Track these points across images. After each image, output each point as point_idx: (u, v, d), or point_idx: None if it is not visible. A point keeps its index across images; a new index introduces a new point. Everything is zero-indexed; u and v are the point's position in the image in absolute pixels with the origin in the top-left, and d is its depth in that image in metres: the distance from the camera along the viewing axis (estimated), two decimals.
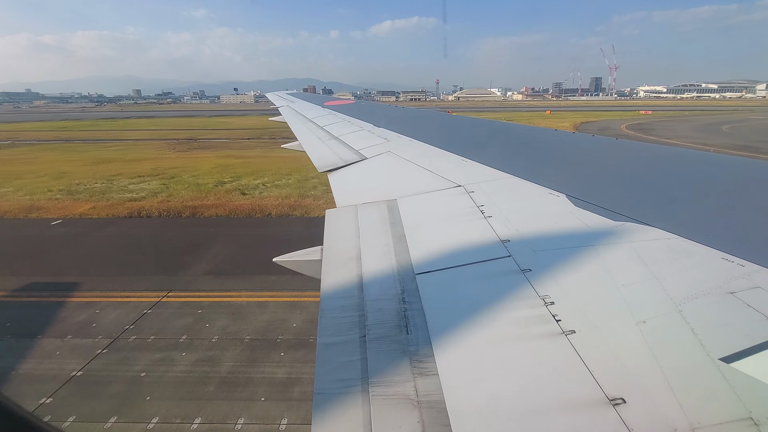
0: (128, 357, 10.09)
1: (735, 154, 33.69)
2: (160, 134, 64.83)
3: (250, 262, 15.36)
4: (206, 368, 9.69)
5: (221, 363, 9.86)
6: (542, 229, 2.60)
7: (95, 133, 70.98)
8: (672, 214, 2.65)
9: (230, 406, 8.51)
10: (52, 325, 11.52)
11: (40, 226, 20.34)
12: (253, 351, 10.30)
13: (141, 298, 12.88)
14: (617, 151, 5.05)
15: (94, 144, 54.15)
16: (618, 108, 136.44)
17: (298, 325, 11.32)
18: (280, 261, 3.02)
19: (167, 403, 8.59)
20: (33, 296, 13.29)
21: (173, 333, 11.04)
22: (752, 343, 1.42)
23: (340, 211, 3.57)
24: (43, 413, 8.23)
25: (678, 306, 1.69)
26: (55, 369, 9.66)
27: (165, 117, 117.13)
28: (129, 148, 48.79)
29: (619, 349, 1.53)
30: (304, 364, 9.69)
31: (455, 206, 3.23)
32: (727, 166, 4.05)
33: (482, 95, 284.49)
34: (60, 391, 8.93)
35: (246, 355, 10.15)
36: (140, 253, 16.70)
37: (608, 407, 1.31)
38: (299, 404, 8.51)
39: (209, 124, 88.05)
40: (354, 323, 1.94)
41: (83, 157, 41.49)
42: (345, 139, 7.09)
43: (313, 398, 1.55)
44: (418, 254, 2.52)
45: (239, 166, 34.33)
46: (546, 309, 1.81)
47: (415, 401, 1.46)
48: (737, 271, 1.86)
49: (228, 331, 11.15)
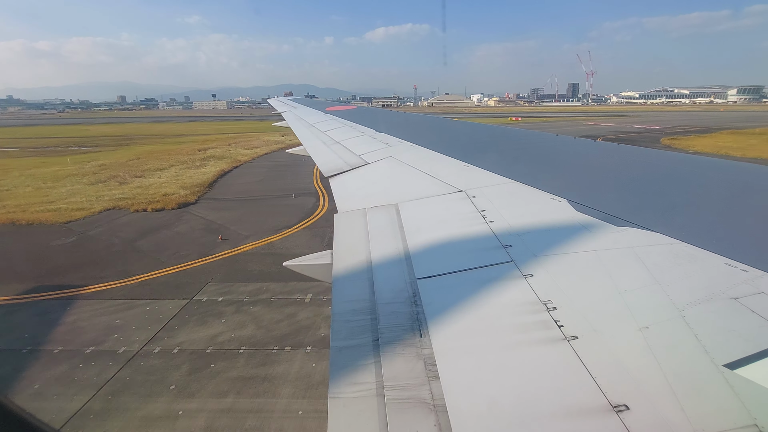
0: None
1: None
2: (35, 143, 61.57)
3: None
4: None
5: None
6: (544, 234, 2.59)
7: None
8: (674, 219, 2.64)
9: None
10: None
11: None
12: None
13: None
14: (619, 156, 5.06)
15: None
16: (570, 114, 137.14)
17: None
18: (290, 265, 2.99)
19: None
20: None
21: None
22: (756, 349, 1.41)
23: (348, 215, 3.56)
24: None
25: (681, 311, 1.68)
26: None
27: (95, 123, 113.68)
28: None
29: (622, 355, 1.52)
30: None
31: (457, 211, 3.22)
32: (729, 171, 4.06)
33: (455, 101, 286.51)
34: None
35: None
36: None
37: (611, 414, 1.30)
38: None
39: (119, 131, 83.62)
40: (366, 327, 1.93)
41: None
42: (347, 144, 7.10)
43: (328, 402, 1.53)
44: (419, 259, 2.51)
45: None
46: (548, 314, 1.79)
47: (431, 405, 1.45)
48: (740, 276, 1.84)
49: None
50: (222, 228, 19.93)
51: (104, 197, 25.57)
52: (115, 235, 19.14)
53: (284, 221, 20.80)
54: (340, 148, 6.91)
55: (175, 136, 70.19)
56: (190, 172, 33.92)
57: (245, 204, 24.97)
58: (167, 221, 21.19)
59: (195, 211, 22.99)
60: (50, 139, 68.08)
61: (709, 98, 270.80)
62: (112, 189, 27.93)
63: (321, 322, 11.74)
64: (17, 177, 32.61)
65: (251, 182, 31.27)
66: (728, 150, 41.50)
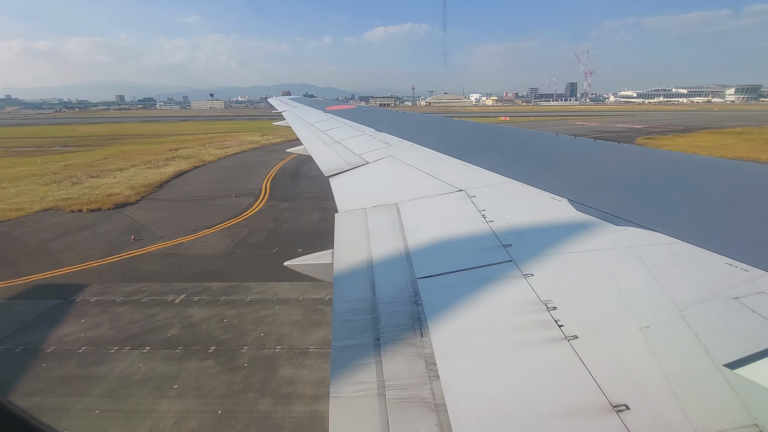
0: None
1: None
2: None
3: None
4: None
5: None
6: (544, 233, 2.58)
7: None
8: (675, 218, 2.63)
9: None
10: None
11: None
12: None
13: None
14: (619, 156, 5.05)
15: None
16: (562, 113, 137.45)
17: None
18: (291, 265, 2.98)
19: None
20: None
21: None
22: (757, 349, 1.40)
23: (349, 215, 3.56)
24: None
25: (681, 311, 1.67)
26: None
27: (88, 123, 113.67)
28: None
29: (622, 354, 1.52)
30: None
31: (457, 211, 3.21)
32: (730, 171, 4.02)
33: (453, 101, 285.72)
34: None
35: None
36: None
37: (611, 413, 1.30)
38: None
39: (108, 131, 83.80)
40: (367, 326, 1.92)
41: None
42: (347, 143, 7.10)
43: (330, 402, 1.54)
44: (420, 258, 2.51)
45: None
46: (548, 314, 1.79)
47: (432, 404, 1.45)
48: (741, 276, 1.83)
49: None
50: (143, 229, 20.19)
51: (48, 198, 25.94)
52: (35, 235, 19.43)
53: (208, 221, 21.07)
54: (341, 148, 6.91)
55: (159, 135, 70.48)
56: (148, 172, 34.29)
57: (183, 204, 25.25)
58: (95, 221, 21.47)
59: (129, 212, 23.28)
60: (37, 138, 68.58)
61: (707, 97, 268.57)
62: (62, 189, 28.31)
63: (176, 323, 11.96)
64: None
65: (203, 182, 31.56)
66: (698, 149, 40.93)
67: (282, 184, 30.72)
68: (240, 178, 32.72)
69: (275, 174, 33.98)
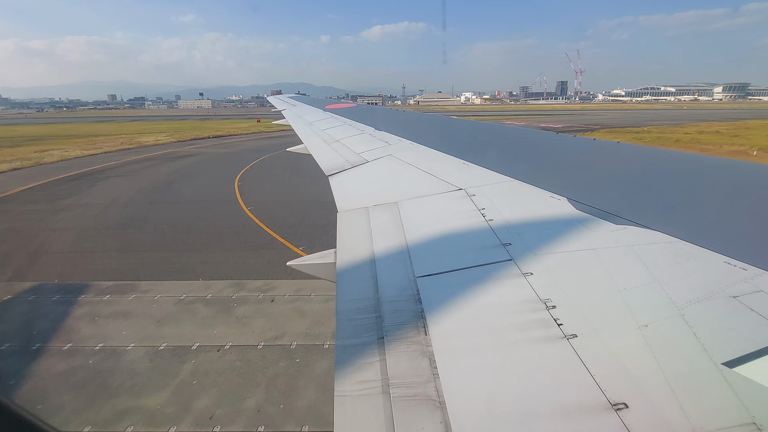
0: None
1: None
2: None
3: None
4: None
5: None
6: (544, 232, 2.58)
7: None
8: (674, 217, 2.64)
9: None
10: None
11: None
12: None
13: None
14: (619, 155, 5.05)
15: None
16: (538, 112, 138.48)
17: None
18: (294, 264, 2.98)
19: None
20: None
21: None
22: (755, 348, 1.41)
23: (350, 214, 3.55)
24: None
25: (680, 310, 1.68)
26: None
27: (60, 123, 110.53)
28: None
29: (621, 353, 1.52)
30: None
31: (457, 209, 3.20)
32: (729, 170, 4.07)
33: (441, 100, 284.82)
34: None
35: None
36: None
37: (610, 412, 1.30)
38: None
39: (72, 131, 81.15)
40: (371, 325, 1.93)
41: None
42: (346, 142, 7.06)
43: (334, 401, 1.53)
44: (419, 257, 2.50)
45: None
46: (548, 312, 1.79)
47: (437, 402, 1.45)
48: (740, 275, 1.84)
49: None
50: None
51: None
52: None
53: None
54: (340, 146, 6.88)
55: (88, 136, 68.05)
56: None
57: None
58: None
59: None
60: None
61: (693, 96, 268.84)
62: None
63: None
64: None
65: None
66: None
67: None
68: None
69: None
